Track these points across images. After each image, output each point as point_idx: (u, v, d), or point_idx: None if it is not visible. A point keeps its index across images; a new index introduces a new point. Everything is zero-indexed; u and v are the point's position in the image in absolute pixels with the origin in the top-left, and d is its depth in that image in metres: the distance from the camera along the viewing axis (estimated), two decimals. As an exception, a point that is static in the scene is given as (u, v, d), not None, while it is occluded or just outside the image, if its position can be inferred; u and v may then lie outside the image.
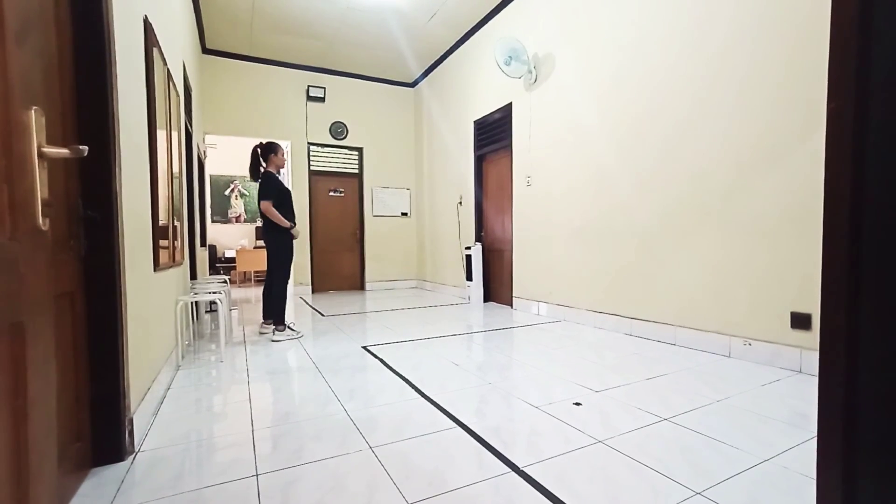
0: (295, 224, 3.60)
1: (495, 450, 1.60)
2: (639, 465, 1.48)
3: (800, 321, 2.42)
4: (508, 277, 5.03)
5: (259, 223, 9.09)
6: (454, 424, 1.83)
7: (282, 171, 3.86)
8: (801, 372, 2.41)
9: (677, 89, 3.07)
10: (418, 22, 5.26)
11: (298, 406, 2.08)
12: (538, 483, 1.38)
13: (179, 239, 3.11)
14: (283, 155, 3.67)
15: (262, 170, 3.57)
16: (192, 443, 1.72)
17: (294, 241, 3.64)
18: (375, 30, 5.42)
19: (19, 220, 0.70)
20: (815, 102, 2.33)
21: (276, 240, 3.56)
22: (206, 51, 5.89)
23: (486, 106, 5.33)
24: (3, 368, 0.66)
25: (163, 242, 2.43)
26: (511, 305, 4.98)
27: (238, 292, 7.08)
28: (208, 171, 7.65)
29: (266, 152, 3.59)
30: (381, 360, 2.82)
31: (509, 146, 4.92)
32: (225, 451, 1.63)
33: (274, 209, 3.46)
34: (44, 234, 0.78)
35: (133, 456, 1.61)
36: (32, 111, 0.72)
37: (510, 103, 4.87)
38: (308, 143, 6.62)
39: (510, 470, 1.46)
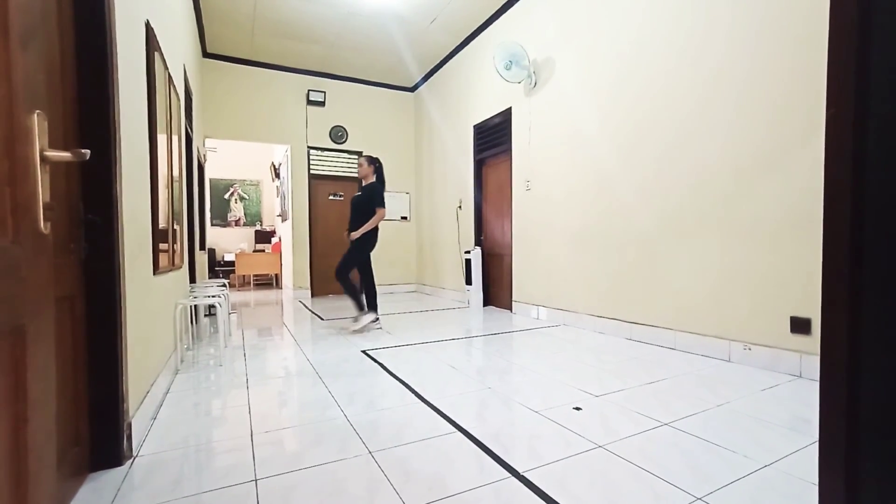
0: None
1: (495, 454, 1.60)
2: (639, 469, 1.48)
3: (800, 325, 2.42)
4: (508, 281, 5.03)
5: (258, 227, 9.10)
6: (454, 429, 1.83)
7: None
8: (800, 376, 2.41)
9: (678, 94, 3.08)
10: (418, 27, 5.28)
11: (298, 410, 2.07)
12: (538, 488, 1.37)
13: (179, 242, 3.11)
14: None
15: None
16: (191, 447, 1.71)
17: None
18: (376, 34, 5.44)
19: (21, 223, 0.70)
20: (814, 107, 2.34)
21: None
22: (206, 55, 5.91)
23: (486, 110, 5.34)
24: (4, 371, 0.66)
25: (162, 246, 2.43)
26: (511, 309, 4.97)
27: (237, 296, 7.07)
28: (208, 175, 7.64)
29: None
30: (381, 365, 2.82)
31: (509, 150, 4.94)
32: (224, 456, 1.63)
33: None
34: (45, 237, 0.78)
35: (131, 460, 1.60)
36: (35, 115, 0.73)
37: (510, 108, 4.89)
38: (308, 147, 6.63)
39: (510, 475, 1.46)
